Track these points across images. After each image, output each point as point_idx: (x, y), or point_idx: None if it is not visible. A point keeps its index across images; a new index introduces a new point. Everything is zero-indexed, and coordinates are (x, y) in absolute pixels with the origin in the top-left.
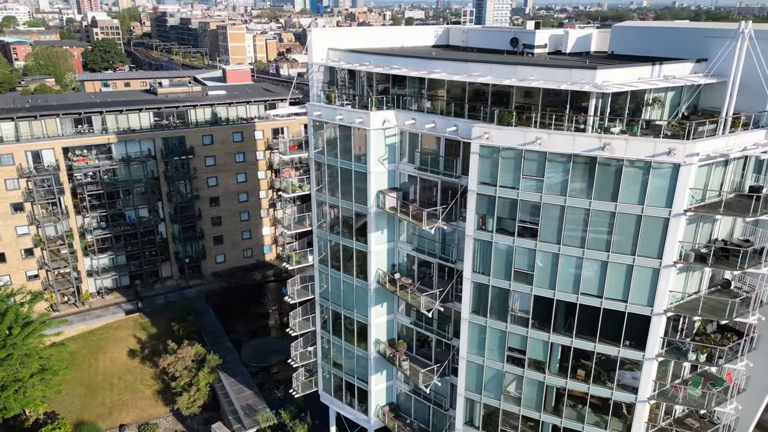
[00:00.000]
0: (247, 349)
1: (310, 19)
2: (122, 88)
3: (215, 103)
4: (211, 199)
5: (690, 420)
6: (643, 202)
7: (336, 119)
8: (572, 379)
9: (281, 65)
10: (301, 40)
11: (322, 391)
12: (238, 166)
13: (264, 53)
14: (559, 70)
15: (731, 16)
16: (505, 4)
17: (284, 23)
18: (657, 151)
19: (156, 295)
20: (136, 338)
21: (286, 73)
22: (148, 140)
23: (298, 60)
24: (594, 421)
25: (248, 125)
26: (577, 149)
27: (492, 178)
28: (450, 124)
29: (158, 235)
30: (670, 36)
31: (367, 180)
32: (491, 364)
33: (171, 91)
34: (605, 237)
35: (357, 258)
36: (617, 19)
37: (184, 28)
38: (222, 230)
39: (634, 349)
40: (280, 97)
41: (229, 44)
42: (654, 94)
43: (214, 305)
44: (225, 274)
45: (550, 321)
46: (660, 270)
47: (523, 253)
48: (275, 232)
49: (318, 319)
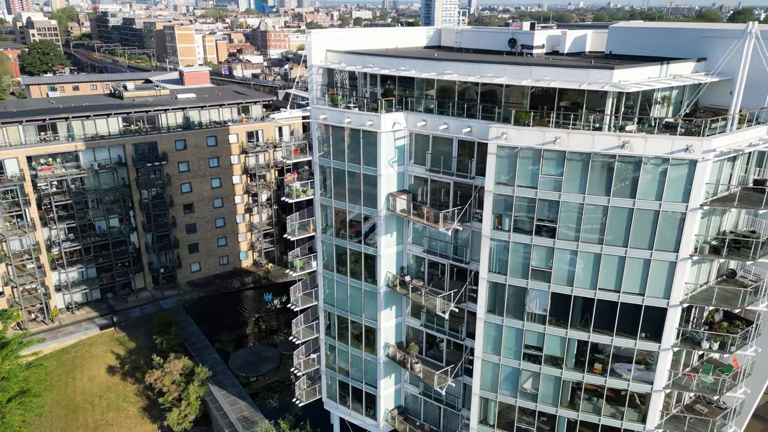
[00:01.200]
0: (235, 360)
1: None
2: (71, 92)
3: (188, 107)
4: (185, 206)
5: (699, 406)
6: (660, 197)
7: (344, 122)
8: (589, 373)
9: (234, 66)
10: (252, 40)
11: (326, 398)
12: (213, 171)
13: (214, 54)
14: (576, 70)
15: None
16: (452, 5)
17: (231, 23)
18: (675, 148)
19: (130, 308)
20: (114, 354)
21: (240, 75)
22: (118, 147)
23: (252, 61)
24: (610, 412)
25: (222, 129)
26: (596, 148)
27: (509, 177)
28: (464, 125)
29: (130, 245)
30: (667, 36)
31: (377, 183)
32: (507, 363)
33: (138, 95)
34: (623, 233)
35: (365, 262)
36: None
37: (127, 28)
38: (197, 238)
39: (650, 341)
40: (253, 99)
41: (177, 45)
42: (662, 92)
43: (195, 316)
44: (201, 283)
45: (568, 317)
46: (677, 263)
47: (541, 251)
48: (252, 237)
49: (322, 326)
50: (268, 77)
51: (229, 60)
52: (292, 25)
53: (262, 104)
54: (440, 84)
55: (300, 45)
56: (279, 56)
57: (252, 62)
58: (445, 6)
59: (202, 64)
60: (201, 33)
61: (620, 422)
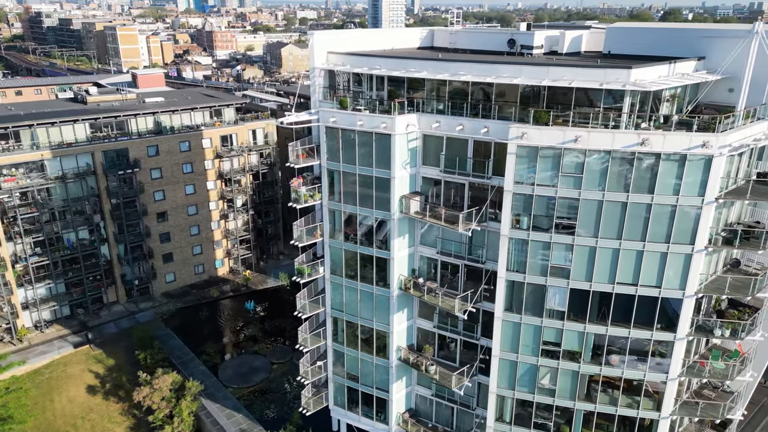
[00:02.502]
0: (224, 371)
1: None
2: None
3: (159, 111)
4: (158, 215)
5: (706, 391)
6: (678, 192)
7: (357, 125)
8: (606, 366)
9: (183, 68)
10: (198, 41)
11: (333, 406)
12: (187, 177)
13: (160, 55)
14: (595, 69)
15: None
16: (399, 5)
17: (172, 23)
18: (692, 144)
19: (104, 323)
20: (92, 373)
21: (189, 77)
22: (86, 154)
23: (201, 62)
24: (626, 403)
25: (195, 133)
26: (616, 145)
27: (529, 177)
28: (480, 126)
29: (102, 257)
30: (666, 36)
31: (391, 185)
32: (525, 360)
33: (103, 100)
34: (641, 227)
35: (377, 266)
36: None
37: (64, 29)
38: (171, 247)
39: (666, 331)
40: (225, 102)
41: (120, 46)
42: (670, 90)
43: (175, 328)
44: (177, 293)
45: (586, 312)
46: (692, 255)
47: (560, 248)
48: (228, 245)
49: (329, 332)
50: (220, 79)
51: (176, 61)
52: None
53: (235, 107)
54: (453, 85)
55: (248, 45)
56: (227, 57)
57: (202, 63)
58: (392, 6)
59: (147, 65)
60: (144, 33)
61: (636, 411)
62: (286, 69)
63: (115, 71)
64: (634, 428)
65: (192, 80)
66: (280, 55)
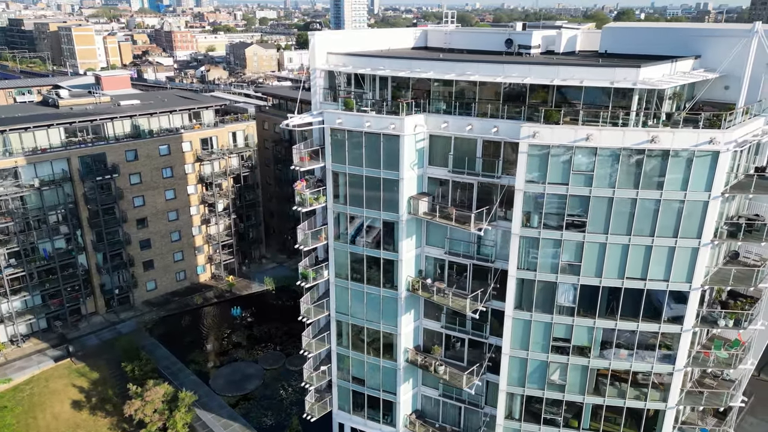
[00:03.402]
0: (217, 380)
1: (155, 18)
2: None
3: (137, 114)
4: (138, 221)
5: (707, 380)
6: (686, 187)
7: (364, 126)
8: (615, 359)
9: (144, 69)
10: (156, 41)
11: (337, 410)
12: (167, 181)
13: (118, 56)
14: (604, 69)
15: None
16: (361, 5)
17: (127, 23)
18: (700, 141)
19: (85, 335)
20: (76, 387)
21: (151, 78)
22: (62, 160)
23: (163, 63)
24: (634, 395)
25: (175, 137)
26: (627, 143)
27: (540, 175)
28: (490, 126)
29: (79, 267)
30: (662, 35)
31: (399, 187)
32: (535, 357)
33: (76, 103)
34: (650, 223)
35: (384, 267)
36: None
37: (14, 30)
38: (152, 254)
39: (673, 324)
40: (204, 105)
41: (76, 47)
42: (671, 88)
43: (160, 337)
44: (159, 302)
45: (596, 307)
46: (699, 249)
47: (571, 245)
48: (209, 250)
49: (333, 336)
50: (185, 80)
51: (136, 62)
52: (195, 25)
53: (214, 109)
54: (458, 85)
55: (209, 46)
56: (187, 57)
57: (163, 64)
58: (354, 6)
59: (104, 67)
60: (100, 34)
61: (644, 403)
62: (251, 69)
63: (72, 73)
64: (639, 420)
65: (154, 82)
66: (244, 55)
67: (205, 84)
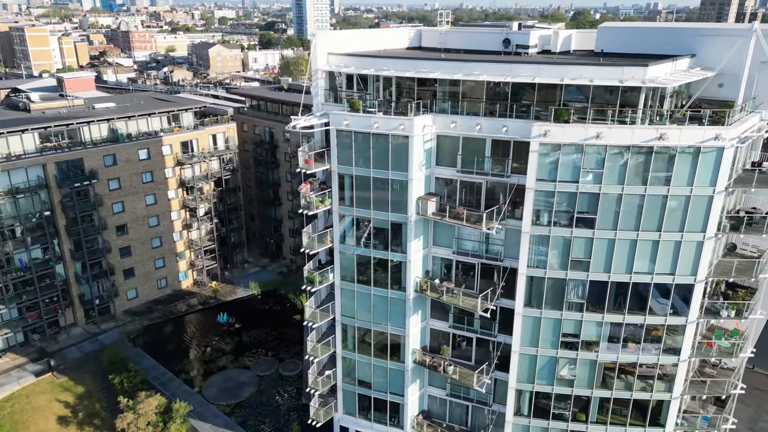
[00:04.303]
0: (209, 388)
1: (109, 18)
2: None
3: (115, 118)
4: (117, 228)
5: (707, 370)
6: (692, 183)
7: (372, 127)
8: (623, 352)
9: (104, 70)
10: (113, 41)
11: (342, 415)
12: (147, 186)
13: (74, 57)
14: (611, 68)
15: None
16: (323, 4)
17: (80, 23)
18: (706, 137)
19: (65, 347)
20: (61, 402)
21: (112, 79)
22: (37, 166)
23: (123, 64)
24: (640, 387)
25: (155, 140)
26: (635, 140)
27: (551, 174)
28: (500, 125)
29: (57, 277)
30: (656, 35)
31: (408, 187)
32: (545, 353)
33: (48, 107)
34: (657, 218)
35: (391, 269)
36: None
37: None
38: (132, 262)
39: (678, 316)
40: (184, 107)
41: (29, 48)
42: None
43: (146, 347)
44: (141, 310)
45: (604, 302)
46: (704, 242)
47: (580, 242)
48: (191, 256)
49: (338, 340)
50: (147, 81)
51: (94, 63)
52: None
53: (194, 112)
54: (465, 85)
55: (169, 46)
56: (146, 58)
57: (123, 65)
58: (316, 6)
59: (60, 68)
60: (54, 34)
61: (650, 394)
62: (215, 70)
63: (27, 75)
64: (645, 411)
65: (116, 83)
66: (207, 55)
67: (169, 85)
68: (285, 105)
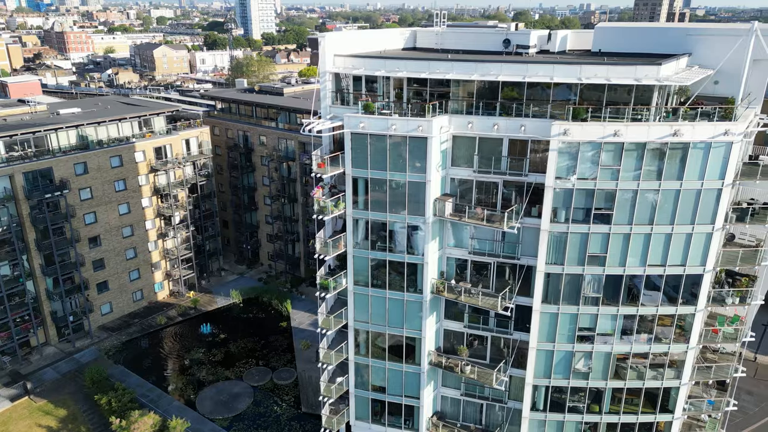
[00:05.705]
0: (203, 403)
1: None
2: None
3: (84, 124)
4: (90, 240)
5: (708, 355)
6: (703, 177)
7: (390, 129)
8: (636, 343)
9: (42, 73)
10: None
11: (355, 421)
12: (120, 195)
13: (6, 60)
14: (626, 66)
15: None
16: (268, 4)
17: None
18: (716, 133)
19: (40, 368)
20: (43, 428)
21: (52, 83)
22: (3, 177)
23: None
24: (652, 375)
25: (127, 146)
26: (651, 137)
27: (569, 171)
28: (517, 125)
29: (27, 294)
30: (653, 34)
31: (426, 189)
32: (561, 348)
33: (8, 114)
34: (670, 212)
35: (407, 272)
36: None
37: None
38: (106, 274)
39: (688, 305)
40: (155, 111)
41: None
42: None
43: (128, 364)
44: (117, 325)
45: (619, 295)
46: (713, 233)
47: (597, 237)
48: (167, 266)
49: (351, 346)
50: (90, 84)
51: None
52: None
53: (166, 116)
54: (478, 85)
55: (108, 47)
56: (84, 60)
57: (63, 68)
58: (261, 6)
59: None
60: None
61: (660, 382)
62: (161, 71)
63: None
64: (655, 399)
65: (57, 87)
66: (152, 57)
67: (115, 88)
68: (259, 107)
